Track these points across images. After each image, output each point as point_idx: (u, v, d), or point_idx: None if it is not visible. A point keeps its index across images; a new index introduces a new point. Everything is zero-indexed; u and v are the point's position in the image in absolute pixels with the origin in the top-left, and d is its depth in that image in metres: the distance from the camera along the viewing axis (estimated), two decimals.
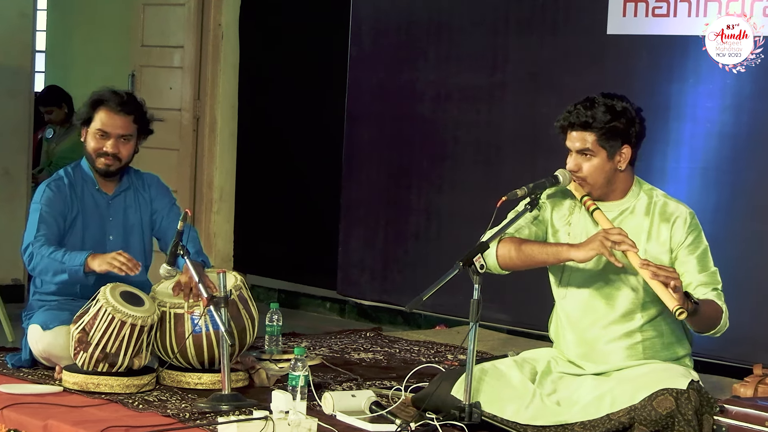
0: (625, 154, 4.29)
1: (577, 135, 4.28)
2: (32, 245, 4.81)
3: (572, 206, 4.41)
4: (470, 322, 4.14)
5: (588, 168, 4.27)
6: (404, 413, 4.32)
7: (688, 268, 4.22)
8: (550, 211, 4.42)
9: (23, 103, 7.84)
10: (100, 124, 4.92)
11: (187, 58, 8.20)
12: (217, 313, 4.46)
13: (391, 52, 6.91)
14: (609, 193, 4.33)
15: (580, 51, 6.09)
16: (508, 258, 4.27)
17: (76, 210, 4.95)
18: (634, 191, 4.35)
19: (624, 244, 4.10)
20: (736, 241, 5.52)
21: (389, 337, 6.21)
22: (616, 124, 4.25)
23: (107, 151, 4.91)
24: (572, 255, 4.18)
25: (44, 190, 4.94)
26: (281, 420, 3.99)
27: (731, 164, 5.60)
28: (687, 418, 4.01)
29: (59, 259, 4.73)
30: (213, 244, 8.21)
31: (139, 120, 4.97)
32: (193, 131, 8.24)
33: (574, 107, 4.29)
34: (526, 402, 4.20)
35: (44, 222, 4.85)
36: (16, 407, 4.32)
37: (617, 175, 4.31)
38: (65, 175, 4.99)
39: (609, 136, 4.25)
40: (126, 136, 4.93)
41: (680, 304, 3.95)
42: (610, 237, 4.11)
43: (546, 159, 5.90)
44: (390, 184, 6.94)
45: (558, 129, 4.34)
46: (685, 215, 4.29)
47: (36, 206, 4.92)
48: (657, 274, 4.01)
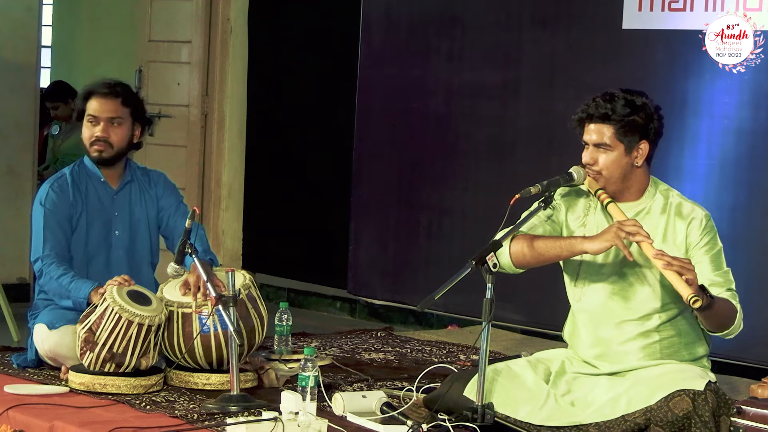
0: (643, 150, 4.25)
1: (594, 128, 4.25)
2: (41, 260, 4.83)
3: (587, 207, 4.38)
4: (483, 322, 4.12)
5: (604, 161, 4.24)
6: (416, 414, 4.30)
7: (701, 268, 4.19)
8: (564, 212, 4.39)
9: (29, 99, 7.82)
10: (91, 110, 4.94)
11: (195, 53, 8.19)
12: (225, 312, 4.44)
13: (402, 47, 6.88)
14: (624, 191, 4.29)
15: (595, 46, 6.07)
16: (521, 255, 4.23)
17: (80, 208, 4.94)
18: (650, 192, 4.32)
19: (638, 235, 4.06)
20: (754, 239, 5.51)
21: (401, 337, 6.20)
22: (636, 119, 4.22)
23: (98, 135, 4.91)
24: (586, 247, 4.15)
25: (47, 192, 4.93)
26: (291, 421, 3.98)
27: (749, 161, 5.58)
28: (704, 420, 3.98)
29: (65, 286, 4.74)
30: (221, 242, 8.19)
31: (130, 103, 4.95)
32: (201, 128, 8.23)
33: (593, 100, 4.27)
34: (540, 403, 4.17)
35: (51, 231, 4.85)
36: (21, 408, 4.30)
37: (633, 172, 4.27)
38: (69, 174, 4.98)
39: (627, 130, 4.22)
40: (116, 119, 4.92)
41: (695, 293, 3.92)
42: (624, 228, 4.07)
43: (560, 156, 5.87)
44: (401, 181, 6.92)
45: (575, 122, 4.31)
46: (701, 217, 4.26)
47: (40, 210, 4.90)
48: (671, 263, 3.98)
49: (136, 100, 5.01)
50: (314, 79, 7.85)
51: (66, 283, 4.74)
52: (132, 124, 4.97)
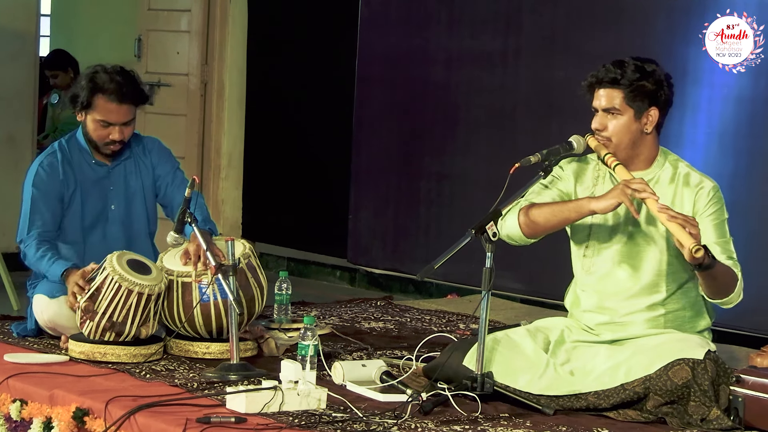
0: (653, 116, 4.24)
1: (604, 92, 4.24)
2: (24, 243, 4.81)
3: (595, 177, 4.37)
4: (483, 291, 4.10)
5: (614, 127, 4.23)
6: (415, 383, 4.29)
7: (704, 234, 4.16)
8: (573, 184, 4.37)
9: (28, 68, 7.80)
10: (102, 115, 4.83)
11: (194, 21, 8.16)
12: (225, 281, 4.43)
13: (402, 14, 6.85)
14: (633, 158, 4.28)
15: (596, 13, 6.03)
16: (532, 224, 4.23)
17: (73, 185, 4.89)
18: (659, 161, 4.31)
19: (644, 192, 4.05)
20: (755, 207, 5.50)
21: (400, 306, 6.19)
22: (645, 84, 4.21)
23: (115, 139, 4.85)
24: (593, 206, 4.14)
25: (36, 170, 4.86)
26: (290, 390, 3.96)
27: (749, 129, 5.55)
28: (703, 389, 3.98)
29: (43, 266, 4.72)
30: (221, 211, 8.18)
31: (138, 101, 4.88)
32: (201, 96, 8.21)
33: (603, 66, 4.26)
34: (539, 372, 4.16)
35: (38, 212, 4.81)
36: (21, 377, 4.29)
37: (643, 139, 4.25)
38: (59, 150, 4.91)
39: (637, 95, 4.21)
40: (128, 121, 4.87)
41: (697, 243, 3.90)
42: (630, 185, 4.06)
43: (561, 124, 5.85)
44: (401, 149, 6.90)
45: (585, 88, 4.29)
46: (710, 187, 4.26)
47: (29, 191, 4.85)
48: (675, 216, 3.97)
49: (141, 92, 4.89)
50: (314, 46, 7.81)
51: (44, 264, 4.71)
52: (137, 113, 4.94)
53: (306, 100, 7.90)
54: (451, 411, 4.01)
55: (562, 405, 4.09)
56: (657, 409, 4.01)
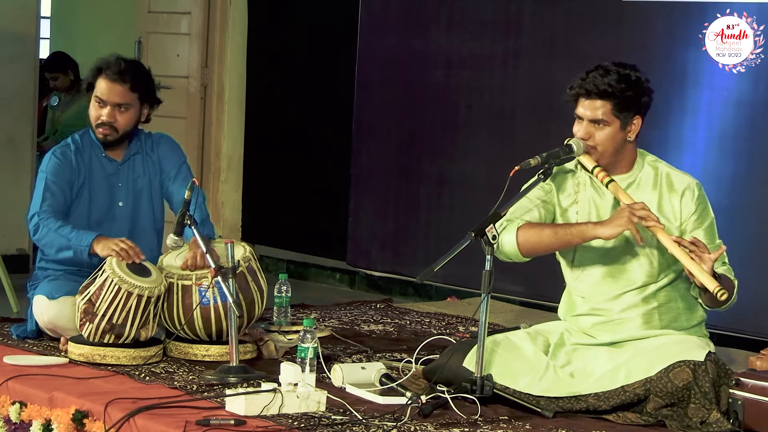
0: (636, 124, 4.27)
1: (591, 104, 4.24)
2: (38, 215, 4.78)
3: (576, 183, 4.37)
4: (482, 294, 4.10)
5: (600, 137, 4.24)
6: (415, 386, 4.29)
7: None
8: (555, 193, 4.37)
9: (28, 70, 7.80)
10: (99, 92, 4.88)
11: (194, 24, 8.16)
12: (225, 284, 4.43)
13: (402, 17, 6.84)
14: (616, 164, 4.29)
15: (596, 16, 6.03)
16: (531, 245, 4.22)
17: (83, 177, 4.92)
18: (639, 163, 4.33)
19: (650, 220, 4.07)
20: (754, 209, 5.49)
21: (400, 309, 6.19)
22: (631, 94, 4.22)
23: (103, 120, 4.87)
24: (599, 233, 4.14)
25: (50, 158, 4.92)
26: (290, 392, 3.96)
27: (749, 131, 5.55)
28: (704, 391, 3.98)
29: (66, 235, 4.70)
30: (221, 213, 8.19)
31: (139, 88, 4.89)
32: (201, 99, 8.21)
33: (587, 75, 4.25)
34: (539, 374, 4.17)
35: (50, 191, 4.83)
36: (20, 379, 4.30)
37: (626, 146, 4.28)
38: (72, 142, 4.96)
39: (623, 106, 4.22)
40: (123, 105, 4.87)
41: (720, 286, 3.94)
42: (635, 213, 4.07)
43: (561, 126, 5.83)
44: (401, 152, 6.89)
45: (571, 97, 4.28)
46: (693, 187, 4.27)
47: (42, 175, 4.89)
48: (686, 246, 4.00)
49: (145, 83, 4.93)
50: (314, 49, 7.81)
51: (67, 233, 4.69)
52: (140, 107, 4.94)
53: (306, 102, 7.90)
54: (450, 414, 4.01)
55: (562, 407, 4.09)
56: (657, 411, 4.01)
